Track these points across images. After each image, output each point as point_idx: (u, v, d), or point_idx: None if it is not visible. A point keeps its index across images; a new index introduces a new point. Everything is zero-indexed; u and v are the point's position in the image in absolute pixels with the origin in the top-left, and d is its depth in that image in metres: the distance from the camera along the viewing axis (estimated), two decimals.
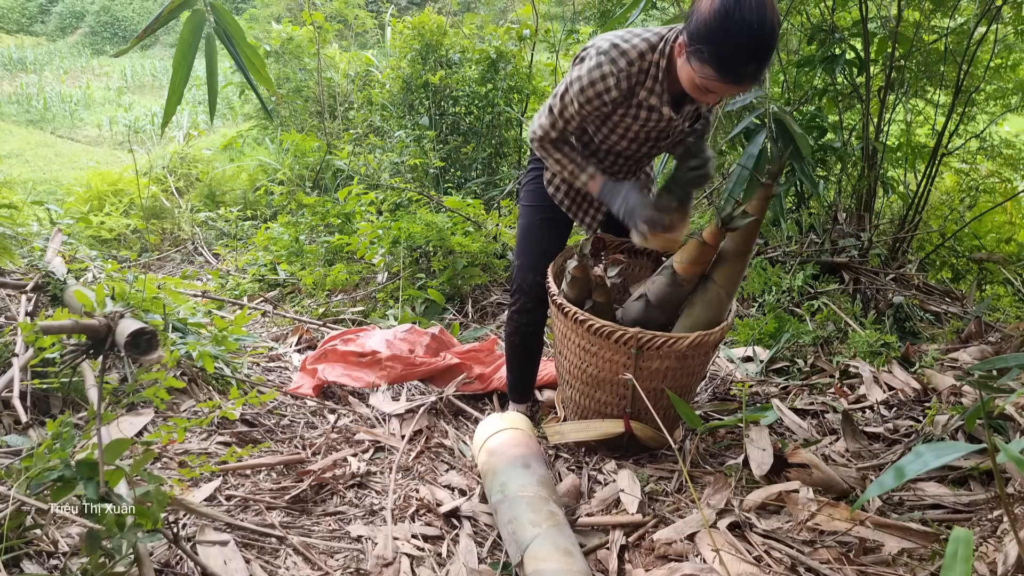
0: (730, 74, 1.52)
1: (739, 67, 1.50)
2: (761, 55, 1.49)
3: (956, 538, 0.95)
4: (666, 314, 2.00)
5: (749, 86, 1.58)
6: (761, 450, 1.84)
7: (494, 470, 1.76)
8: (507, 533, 1.57)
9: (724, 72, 1.52)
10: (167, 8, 1.54)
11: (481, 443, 1.89)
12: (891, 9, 3.62)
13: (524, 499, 1.61)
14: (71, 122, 9.79)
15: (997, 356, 2.38)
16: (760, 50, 1.48)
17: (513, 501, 1.62)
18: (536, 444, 1.90)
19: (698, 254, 1.89)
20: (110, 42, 15.51)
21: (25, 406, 1.80)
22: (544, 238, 2.10)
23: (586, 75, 1.72)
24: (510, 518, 1.58)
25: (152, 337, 1.80)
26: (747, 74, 1.51)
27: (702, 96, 1.64)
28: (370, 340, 2.64)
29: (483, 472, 1.83)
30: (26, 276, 2.59)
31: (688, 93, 1.68)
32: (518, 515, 1.57)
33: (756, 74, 1.53)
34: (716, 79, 1.55)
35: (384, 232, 3.57)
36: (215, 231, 5.24)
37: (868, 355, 2.63)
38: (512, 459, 1.76)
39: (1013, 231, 4.48)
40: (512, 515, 1.58)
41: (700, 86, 1.60)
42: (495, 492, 1.69)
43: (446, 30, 5.81)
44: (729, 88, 1.57)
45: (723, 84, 1.55)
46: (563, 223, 2.14)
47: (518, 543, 1.50)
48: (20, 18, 16.12)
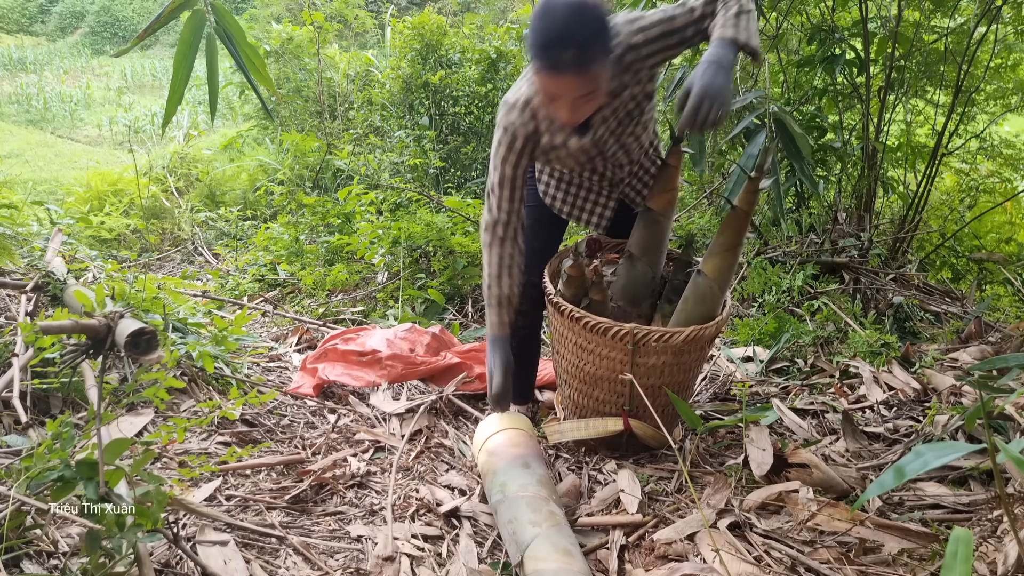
0: (547, 60, 1.50)
1: (553, 52, 1.48)
2: (573, 38, 1.46)
3: (956, 538, 0.95)
4: (652, 264, 2.03)
5: (573, 78, 1.51)
6: (761, 450, 1.84)
7: (494, 470, 1.76)
8: (507, 533, 1.57)
9: (542, 61, 1.51)
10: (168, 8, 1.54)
11: (481, 443, 1.90)
12: (891, 9, 3.62)
13: (524, 499, 1.61)
14: (71, 122, 9.79)
15: (997, 356, 2.37)
16: (571, 33, 1.46)
17: (513, 501, 1.62)
18: (536, 444, 1.90)
19: (664, 180, 1.94)
20: (110, 42, 15.52)
21: (25, 406, 1.80)
22: (536, 238, 2.10)
23: (495, 139, 1.81)
24: (510, 518, 1.58)
25: (152, 337, 1.80)
26: (564, 61, 1.48)
27: (555, 108, 1.63)
28: (370, 339, 2.64)
29: (483, 472, 1.83)
30: (26, 276, 2.60)
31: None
32: (518, 515, 1.57)
33: (575, 62, 1.48)
34: (541, 73, 1.54)
35: (384, 232, 3.57)
36: (215, 231, 5.25)
37: (868, 355, 2.63)
38: (512, 459, 1.76)
39: (1013, 231, 4.48)
40: (512, 515, 1.58)
41: (546, 95, 1.61)
42: (495, 492, 1.69)
43: (446, 30, 5.82)
44: (556, 82, 1.53)
45: (549, 77, 1.53)
46: (556, 224, 2.14)
47: (518, 543, 1.50)
48: (20, 18, 16.12)
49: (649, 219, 1.99)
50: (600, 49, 1.51)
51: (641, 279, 2.05)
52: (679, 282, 2.09)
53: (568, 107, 1.60)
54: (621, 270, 2.08)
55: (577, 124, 1.70)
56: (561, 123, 1.71)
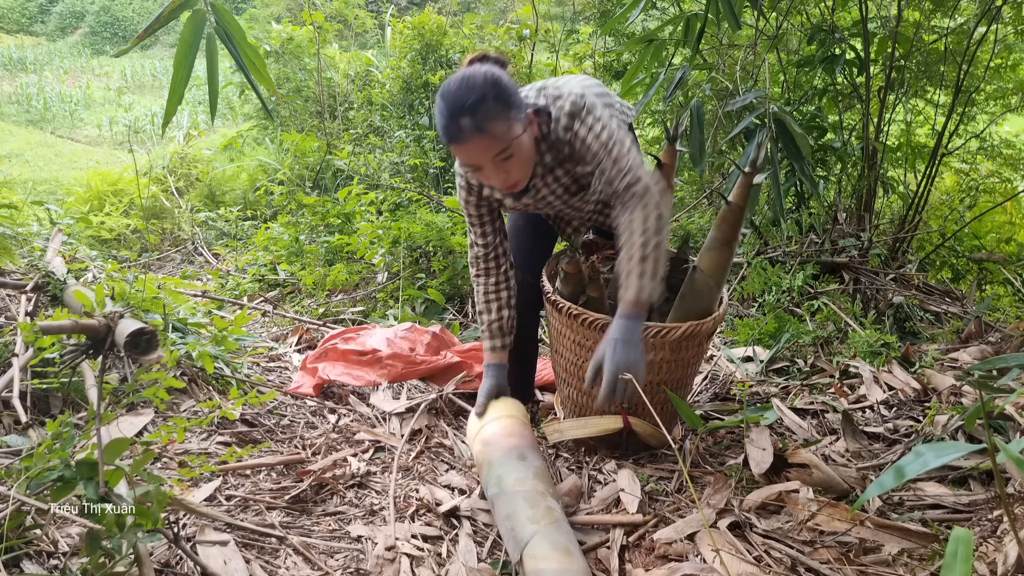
0: (448, 134, 1.56)
1: (451, 125, 1.54)
2: (464, 105, 1.52)
3: (956, 538, 0.95)
4: None
5: (477, 141, 1.55)
6: (761, 450, 1.84)
7: (489, 461, 1.74)
8: (505, 529, 1.56)
9: (446, 137, 1.58)
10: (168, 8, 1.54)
11: (475, 432, 1.89)
12: (891, 9, 3.62)
13: (521, 493, 1.59)
14: (71, 122, 9.80)
15: (997, 356, 2.37)
16: (461, 101, 1.52)
17: (510, 496, 1.60)
18: (531, 432, 1.89)
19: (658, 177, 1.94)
20: (110, 42, 15.52)
21: (25, 406, 1.80)
22: (529, 237, 2.11)
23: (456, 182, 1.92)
24: (507, 513, 1.56)
25: (152, 337, 1.80)
26: (461, 128, 1.53)
27: (484, 177, 1.67)
28: (371, 339, 2.64)
29: (478, 462, 1.82)
30: (26, 276, 2.60)
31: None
32: (516, 511, 1.55)
33: (472, 127, 1.53)
34: (451, 148, 1.60)
35: (384, 232, 3.57)
36: (215, 231, 5.24)
37: (868, 355, 2.63)
38: (507, 450, 1.75)
39: (1013, 231, 4.48)
40: (510, 511, 1.56)
41: (468, 168, 1.66)
42: (491, 485, 1.68)
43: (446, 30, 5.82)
44: (464, 150, 1.58)
45: (457, 149, 1.59)
46: (549, 224, 2.15)
47: (517, 540, 1.48)
48: (20, 18, 16.12)
49: None
50: (494, 108, 1.54)
51: None
52: (675, 279, 2.08)
53: (493, 172, 1.62)
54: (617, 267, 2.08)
55: (516, 189, 1.71)
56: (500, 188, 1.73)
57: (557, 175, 1.78)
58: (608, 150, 1.64)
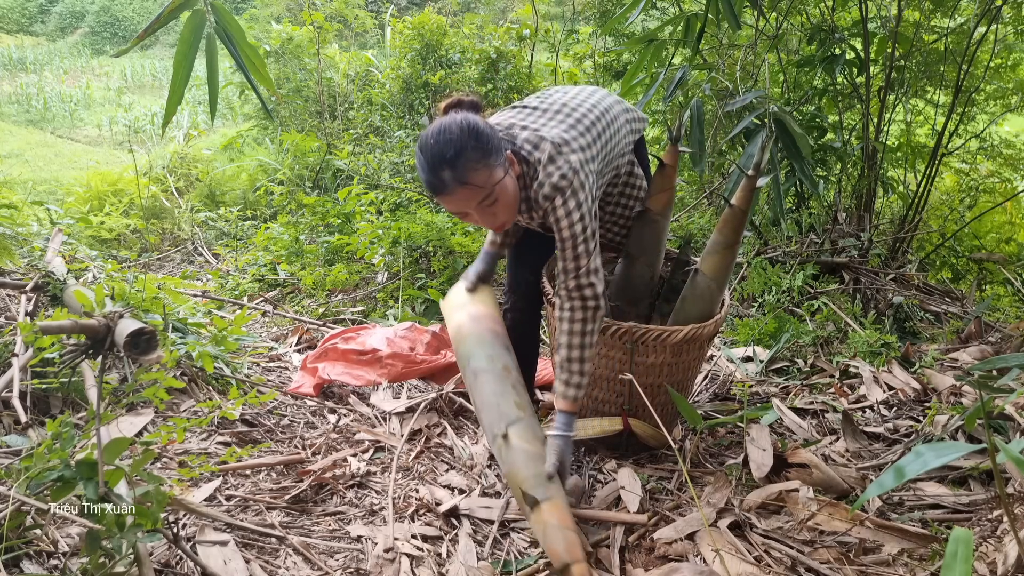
0: (431, 188, 1.59)
1: (432, 179, 1.57)
2: (444, 158, 1.54)
3: (956, 538, 0.95)
4: (650, 263, 2.03)
5: (460, 191, 1.57)
6: (761, 450, 1.84)
7: (480, 336, 1.77)
8: (488, 402, 1.63)
9: (429, 190, 1.60)
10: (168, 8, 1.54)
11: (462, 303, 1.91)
12: (891, 9, 3.62)
13: (511, 380, 1.68)
14: (71, 122, 9.79)
15: (997, 356, 2.37)
16: (440, 155, 1.54)
17: (501, 377, 1.67)
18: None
19: (661, 180, 1.95)
20: (110, 42, 15.52)
21: (25, 406, 1.80)
22: (530, 236, 2.11)
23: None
24: (497, 391, 1.64)
25: (152, 337, 1.80)
26: (443, 181, 1.55)
27: (471, 221, 1.70)
28: (371, 338, 2.64)
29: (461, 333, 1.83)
30: (26, 276, 2.59)
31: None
32: (506, 392, 1.64)
33: (453, 179, 1.54)
34: (437, 199, 1.63)
35: (384, 232, 3.57)
36: (215, 231, 5.24)
37: (868, 355, 2.63)
38: (497, 335, 1.80)
39: (1013, 231, 4.48)
40: (500, 389, 1.64)
41: (456, 215, 1.70)
42: (480, 359, 1.71)
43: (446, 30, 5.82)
44: (449, 200, 1.60)
45: (443, 200, 1.61)
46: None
47: (503, 415, 1.57)
48: (20, 18, 16.12)
49: (647, 219, 2.00)
50: (473, 157, 1.55)
51: (639, 278, 2.05)
52: (677, 281, 2.09)
53: (480, 216, 1.64)
54: (619, 269, 2.08)
55: (504, 228, 1.73)
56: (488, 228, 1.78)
57: (533, 217, 1.79)
58: (574, 244, 1.65)
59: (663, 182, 1.97)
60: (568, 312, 1.69)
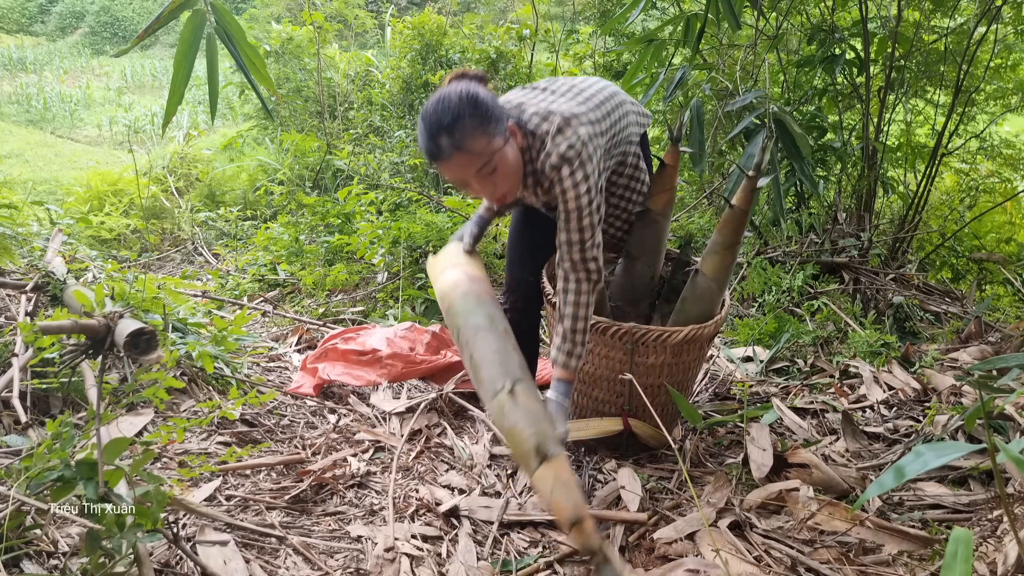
0: (429, 154, 1.59)
1: (431, 145, 1.57)
2: (441, 125, 1.54)
3: (956, 538, 0.95)
4: (650, 263, 2.03)
5: (458, 158, 1.57)
6: (761, 450, 1.84)
7: (479, 296, 1.74)
8: (492, 360, 1.61)
9: (428, 156, 1.61)
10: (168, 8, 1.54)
11: (458, 261, 1.87)
12: (891, 9, 3.62)
13: (511, 341, 1.65)
14: (71, 122, 9.79)
15: (997, 356, 2.37)
16: (438, 122, 1.55)
17: (503, 337, 1.65)
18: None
19: (662, 180, 1.95)
20: (110, 42, 15.51)
21: (25, 406, 1.80)
22: (530, 236, 2.10)
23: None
24: (501, 349, 1.61)
25: (152, 337, 1.80)
26: (441, 148, 1.56)
27: (472, 192, 1.70)
28: (371, 338, 2.64)
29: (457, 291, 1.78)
30: (26, 276, 2.59)
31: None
32: (509, 351, 1.61)
33: (450, 145, 1.55)
34: (436, 166, 1.63)
35: (384, 232, 3.57)
36: (215, 231, 5.24)
37: (868, 355, 2.63)
38: (493, 299, 1.77)
39: (1013, 231, 4.48)
40: (503, 348, 1.62)
41: (455, 184, 1.69)
42: (480, 316, 1.69)
43: (446, 30, 5.82)
44: (447, 167, 1.60)
45: (441, 167, 1.61)
46: (550, 221, 2.13)
47: (509, 374, 1.56)
48: (20, 18, 16.11)
49: (647, 219, 2.00)
50: (471, 124, 1.55)
51: (640, 278, 2.04)
52: (678, 281, 2.08)
53: (480, 185, 1.64)
54: (620, 270, 2.08)
55: (506, 200, 1.72)
56: (490, 201, 1.77)
57: (537, 192, 1.78)
58: (579, 216, 1.66)
59: (664, 182, 1.97)
60: (573, 284, 1.69)
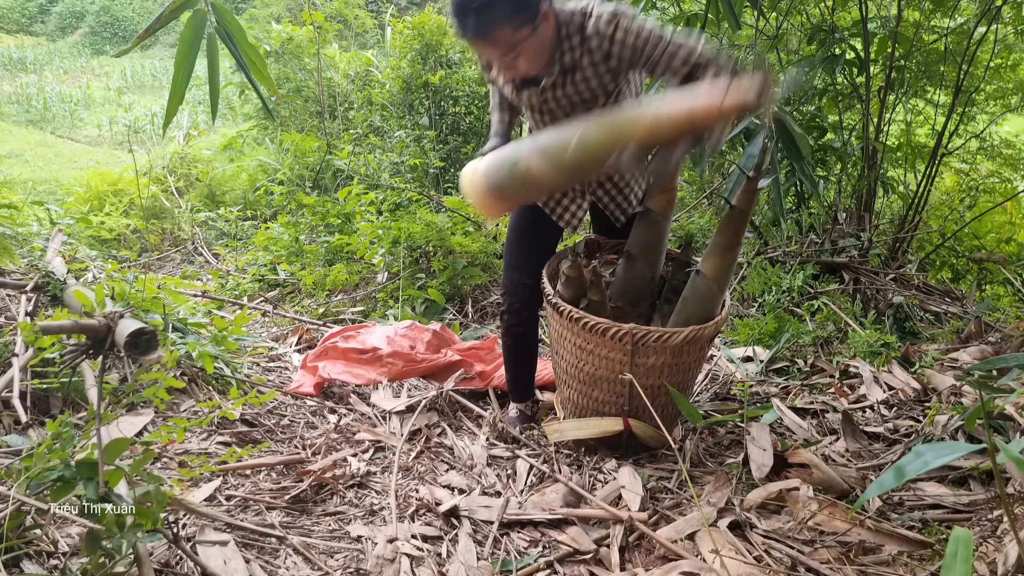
0: (456, 28, 1.62)
1: (458, 21, 1.60)
2: (470, 6, 1.56)
3: (956, 538, 0.95)
4: (651, 264, 2.03)
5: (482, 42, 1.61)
6: (761, 450, 1.84)
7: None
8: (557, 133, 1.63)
9: (455, 28, 1.63)
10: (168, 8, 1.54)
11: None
12: (891, 9, 3.62)
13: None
14: (71, 122, 9.79)
15: (997, 356, 2.37)
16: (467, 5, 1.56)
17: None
18: None
19: (662, 181, 1.95)
20: (110, 42, 15.51)
21: (25, 406, 1.80)
22: (529, 238, 2.10)
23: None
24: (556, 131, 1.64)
25: (152, 337, 1.79)
26: (466, 27, 1.59)
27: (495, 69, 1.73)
28: (371, 337, 2.64)
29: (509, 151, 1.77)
30: (26, 276, 2.59)
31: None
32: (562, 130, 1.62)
33: (476, 28, 1.58)
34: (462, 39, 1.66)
35: (384, 232, 3.57)
36: (215, 231, 5.24)
37: (868, 355, 2.63)
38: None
39: (1013, 231, 4.48)
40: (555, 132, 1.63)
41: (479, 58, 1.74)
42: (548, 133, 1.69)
43: (446, 30, 5.81)
44: (473, 46, 1.66)
45: (468, 43, 1.66)
46: (549, 223, 2.13)
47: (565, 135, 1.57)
48: (20, 18, 16.11)
49: (648, 219, 1.99)
50: (499, 12, 1.56)
51: (640, 279, 2.04)
52: (678, 282, 2.08)
53: (501, 65, 1.68)
54: (620, 270, 2.08)
55: (523, 78, 1.74)
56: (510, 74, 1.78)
57: (574, 79, 1.77)
58: (660, 35, 1.66)
59: (665, 182, 1.97)
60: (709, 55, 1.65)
